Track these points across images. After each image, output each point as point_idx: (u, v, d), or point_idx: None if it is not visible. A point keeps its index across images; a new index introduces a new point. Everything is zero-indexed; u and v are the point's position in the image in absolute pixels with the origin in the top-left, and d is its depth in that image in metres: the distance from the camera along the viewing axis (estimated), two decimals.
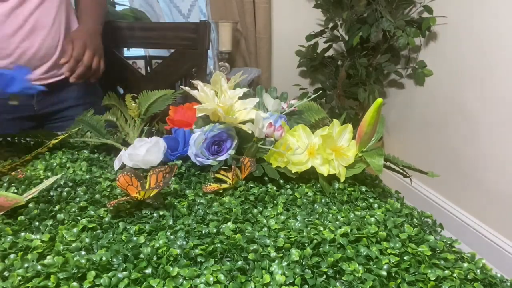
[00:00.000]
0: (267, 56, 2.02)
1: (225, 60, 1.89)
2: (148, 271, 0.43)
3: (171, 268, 0.42)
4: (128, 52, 1.85)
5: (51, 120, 1.12)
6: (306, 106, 0.81)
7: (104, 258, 0.43)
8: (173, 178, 0.65)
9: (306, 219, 0.54)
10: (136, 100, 0.81)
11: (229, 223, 0.52)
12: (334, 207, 0.58)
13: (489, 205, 1.56)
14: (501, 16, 1.45)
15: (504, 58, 1.44)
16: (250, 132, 0.67)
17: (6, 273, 0.42)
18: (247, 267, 0.44)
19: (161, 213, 0.54)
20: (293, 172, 0.65)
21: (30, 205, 0.55)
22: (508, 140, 1.45)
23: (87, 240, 0.47)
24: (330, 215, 0.56)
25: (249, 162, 0.63)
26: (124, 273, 0.42)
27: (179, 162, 0.68)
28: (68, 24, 1.07)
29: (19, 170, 0.66)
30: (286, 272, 0.43)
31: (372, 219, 0.54)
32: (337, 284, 0.43)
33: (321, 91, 1.98)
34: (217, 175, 0.65)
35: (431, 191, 1.86)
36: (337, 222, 0.53)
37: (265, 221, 0.54)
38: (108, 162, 0.73)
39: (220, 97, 0.68)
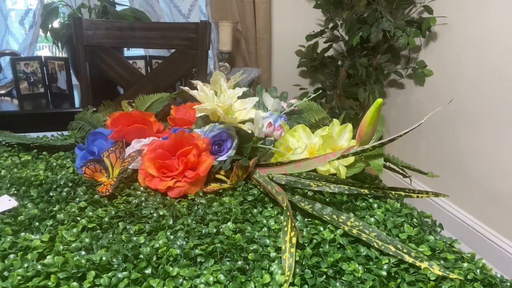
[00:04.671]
0: (267, 56, 2.02)
1: (225, 60, 1.89)
2: (148, 271, 0.43)
3: (171, 268, 0.42)
4: (128, 52, 1.85)
5: None
6: (306, 106, 0.81)
7: (104, 258, 0.43)
8: None
9: (306, 219, 0.54)
10: (133, 104, 0.82)
11: (229, 223, 0.52)
12: (334, 207, 0.58)
13: (489, 205, 1.56)
14: (501, 16, 1.45)
15: (504, 58, 1.44)
16: (250, 131, 0.67)
17: (6, 273, 0.42)
18: (247, 267, 0.44)
19: (161, 213, 0.54)
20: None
21: (30, 205, 0.55)
22: (508, 140, 1.45)
23: (87, 240, 0.47)
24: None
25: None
26: (124, 273, 0.42)
27: None
28: None
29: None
30: None
31: (372, 219, 0.54)
32: (337, 284, 0.43)
33: (321, 91, 1.98)
34: (217, 175, 0.65)
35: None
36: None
37: (265, 221, 0.54)
38: None
39: (220, 96, 0.68)
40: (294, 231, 0.48)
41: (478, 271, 0.45)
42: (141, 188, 0.62)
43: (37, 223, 0.51)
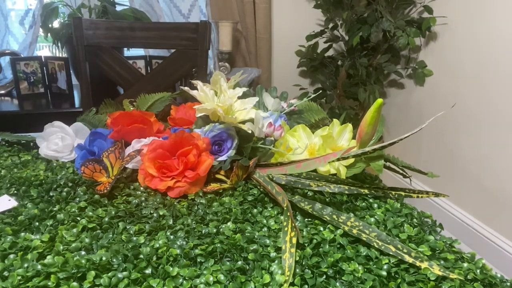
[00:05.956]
0: (267, 56, 2.02)
1: (225, 60, 1.89)
2: (148, 271, 0.43)
3: (171, 268, 0.42)
4: (128, 52, 1.85)
5: None
6: (306, 106, 0.81)
7: (104, 258, 0.43)
8: None
9: (306, 219, 0.54)
10: (134, 103, 0.82)
11: (229, 223, 0.52)
12: (334, 207, 0.58)
13: (489, 205, 1.56)
14: (501, 16, 1.45)
15: (504, 58, 1.44)
16: (250, 131, 0.67)
17: (6, 273, 0.42)
18: (247, 267, 0.44)
19: (161, 213, 0.54)
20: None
21: (30, 205, 0.55)
22: (508, 140, 1.45)
23: (87, 240, 0.47)
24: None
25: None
26: (124, 273, 0.42)
27: None
28: None
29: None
30: None
31: (372, 219, 0.54)
32: (337, 284, 0.43)
33: (321, 91, 1.98)
34: (217, 175, 0.65)
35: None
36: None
37: (265, 221, 0.54)
38: None
39: (220, 96, 0.68)
40: (294, 231, 0.48)
41: (478, 271, 0.45)
42: (141, 188, 0.62)
43: (37, 223, 0.51)
